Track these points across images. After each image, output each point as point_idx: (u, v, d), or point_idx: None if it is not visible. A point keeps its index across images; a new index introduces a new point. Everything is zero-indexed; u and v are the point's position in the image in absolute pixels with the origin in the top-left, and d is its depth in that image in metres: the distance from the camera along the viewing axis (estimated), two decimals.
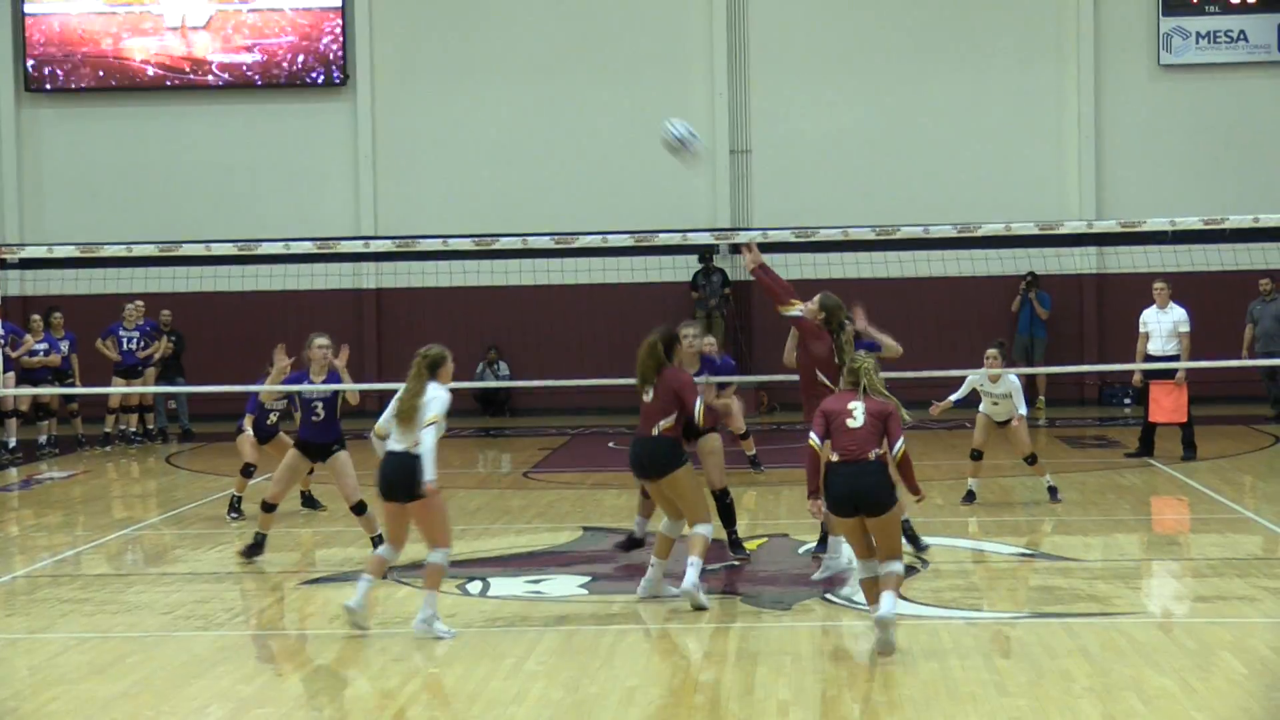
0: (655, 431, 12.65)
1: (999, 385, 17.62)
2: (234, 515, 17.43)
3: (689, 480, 12.77)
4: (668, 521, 13.02)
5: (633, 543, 14.68)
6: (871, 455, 11.19)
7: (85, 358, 25.03)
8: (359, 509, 14.84)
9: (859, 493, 11.14)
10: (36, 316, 25.18)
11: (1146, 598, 13.40)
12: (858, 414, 11.26)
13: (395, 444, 12.07)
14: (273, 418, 17.26)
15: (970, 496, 17.70)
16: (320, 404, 15.00)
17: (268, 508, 15.03)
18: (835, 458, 11.26)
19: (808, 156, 29.27)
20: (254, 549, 15.02)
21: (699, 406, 12.86)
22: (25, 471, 22.76)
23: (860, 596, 12.82)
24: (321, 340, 15.34)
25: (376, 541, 14.31)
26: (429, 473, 11.81)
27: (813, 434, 11.40)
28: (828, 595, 13.08)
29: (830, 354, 13.56)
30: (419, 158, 29.73)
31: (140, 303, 25.62)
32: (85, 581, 14.47)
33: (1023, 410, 17.66)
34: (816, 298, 13.69)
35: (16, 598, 13.71)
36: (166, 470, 22.84)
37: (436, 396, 12.05)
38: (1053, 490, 17.72)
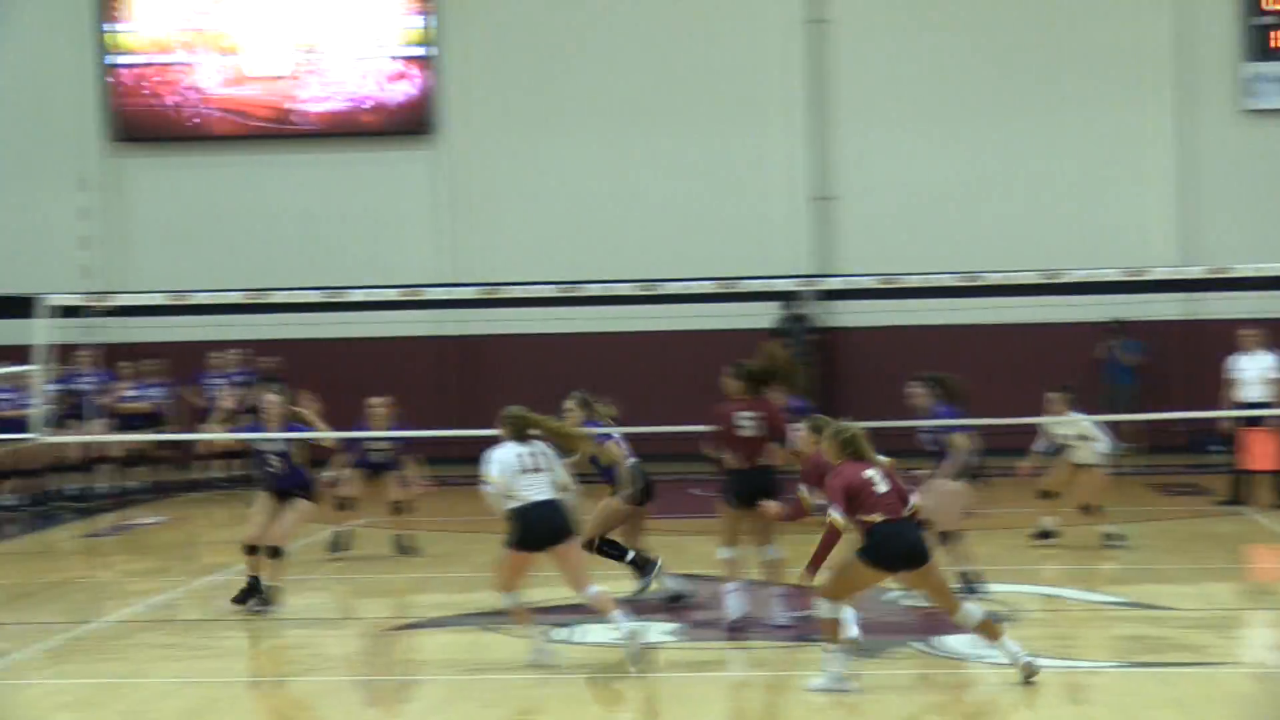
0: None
1: (1068, 428, 17.62)
2: (337, 551, 17.77)
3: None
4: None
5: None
6: (906, 513, 11.41)
7: (177, 404, 25.29)
8: (265, 551, 14.86)
9: (912, 547, 11.33)
10: (127, 363, 25.48)
11: (1241, 647, 13.28)
12: (878, 479, 11.46)
13: (543, 493, 12.36)
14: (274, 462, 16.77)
15: (1045, 534, 17.67)
16: (275, 456, 15.15)
17: (250, 550, 15.03)
18: (879, 518, 11.31)
19: (891, 202, 29.20)
20: (247, 594, 14.95)
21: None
22: (118, 517, 22.97)
23: (950, 644, 12.77)
24: (270, 395, 15.54)
25: (253, 583, 14.67)
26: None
27: (834, 510, 11.44)
28: (916, 644, 13.01)
29: None
30: (503, 205, 29.86)
31: (236, 351, 25.85)
32: (177, 627, 14.57)
33: (1100, 453, 17.61)
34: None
35: (109, 642, 13.82)
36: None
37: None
38: (1112, 536, 17.57)
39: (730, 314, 25.69)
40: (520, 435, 12.61)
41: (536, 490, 12.37)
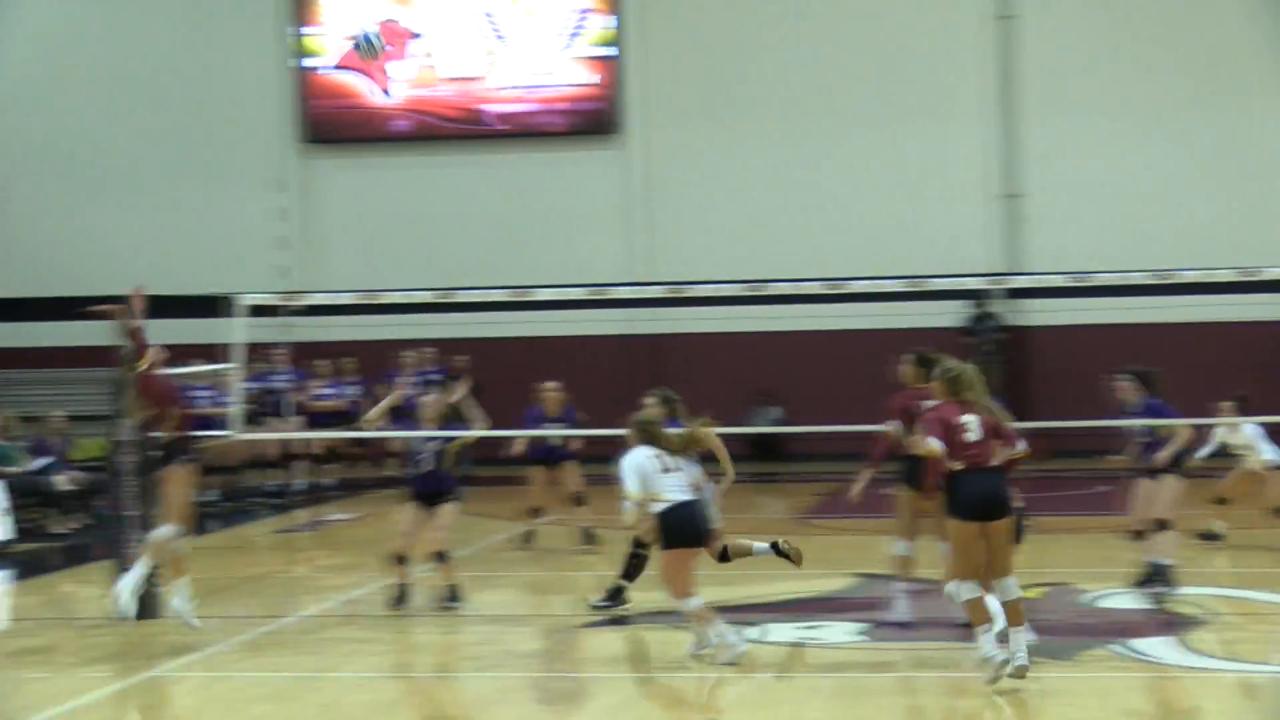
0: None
1: (1236, 436, 17.52)
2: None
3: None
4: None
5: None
6: (995, 461, 11.37)
7: (372, 402, 25.57)
8: (429, 557, 14.98)
9: (990, 496, 11.28)
10: (322, 362, 25.87)
11: None
12: (973, 427, 11.39)
13: (684, 493, 12.47)
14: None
15: (1211, 536, 17.50)
16: (427, 456, 15.21)
17: (400, 560, 15.08)
18: (960, 466, 11.33)
19: (1081, 198, 28.81)
20: (400, 599, 15.02)
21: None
22: (312, 513, 23.32)
23: (1146, 647, 12.59)
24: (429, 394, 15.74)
25: (403, 590, 14.86)
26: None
27: (933, 440, 11.42)
28: (1113, 646, 12.81)
29: None
30: (690, 203, 29.88)
31: (429, 350, 26.12)
32: (370, 622, 14.74)
33: (1267, 459, 17.48)
34: None
35: (305, 637, 14.02)
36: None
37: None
38: None
39: (917, 313, 25.49)
40: (653, 441, 12.68)
41: (677, 490, 12.47)
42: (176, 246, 30.36)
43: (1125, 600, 14.77)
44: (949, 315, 27.89)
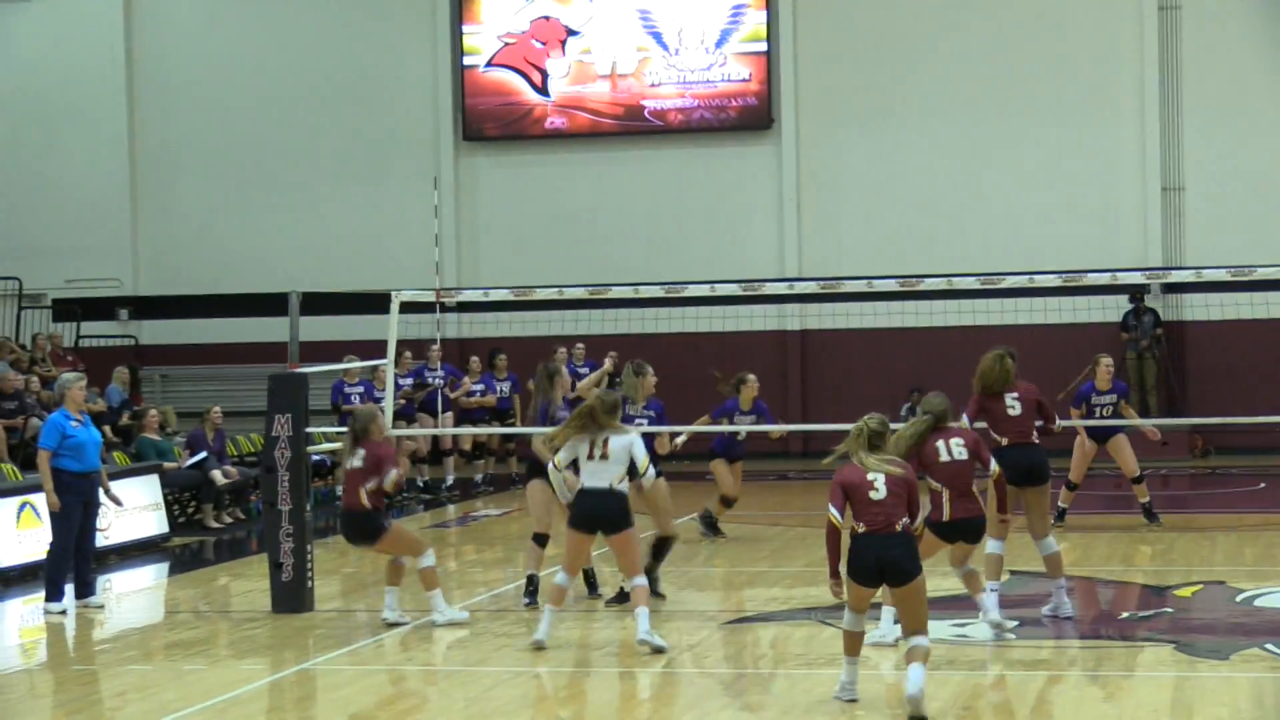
0: None
1: None
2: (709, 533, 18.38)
3: None
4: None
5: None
6: (898, 527, 10.82)
7: (522, 398, 25.76)
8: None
9: (886, 561, 10.77)
10: (475, 358, 26.05)
11: None
12: (879, 485, 10.85)
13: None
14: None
15: None
16: None
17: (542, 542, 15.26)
18: (861, 529, 10.84)
19: (1244, 192, 28.33)
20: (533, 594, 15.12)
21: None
22: (462, 509, 23.50)
23: None
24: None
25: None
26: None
27: (832, 508, 10.98)
28: (1269, 645, 12.59)
29: None
30: (842, 198, 29.76)
31: (580, 346, 26.23)
32: (519, 616, 14.82)
33: None
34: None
35: (454, 631, 14.11)
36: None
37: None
38: None
39: (1073, 308, 25.20)
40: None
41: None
42: (334, 244, 30.72)
43: None
44: (1106, 310, 27.55)
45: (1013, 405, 14.09)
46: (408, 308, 16.95)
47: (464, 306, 28.27)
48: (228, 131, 31.26)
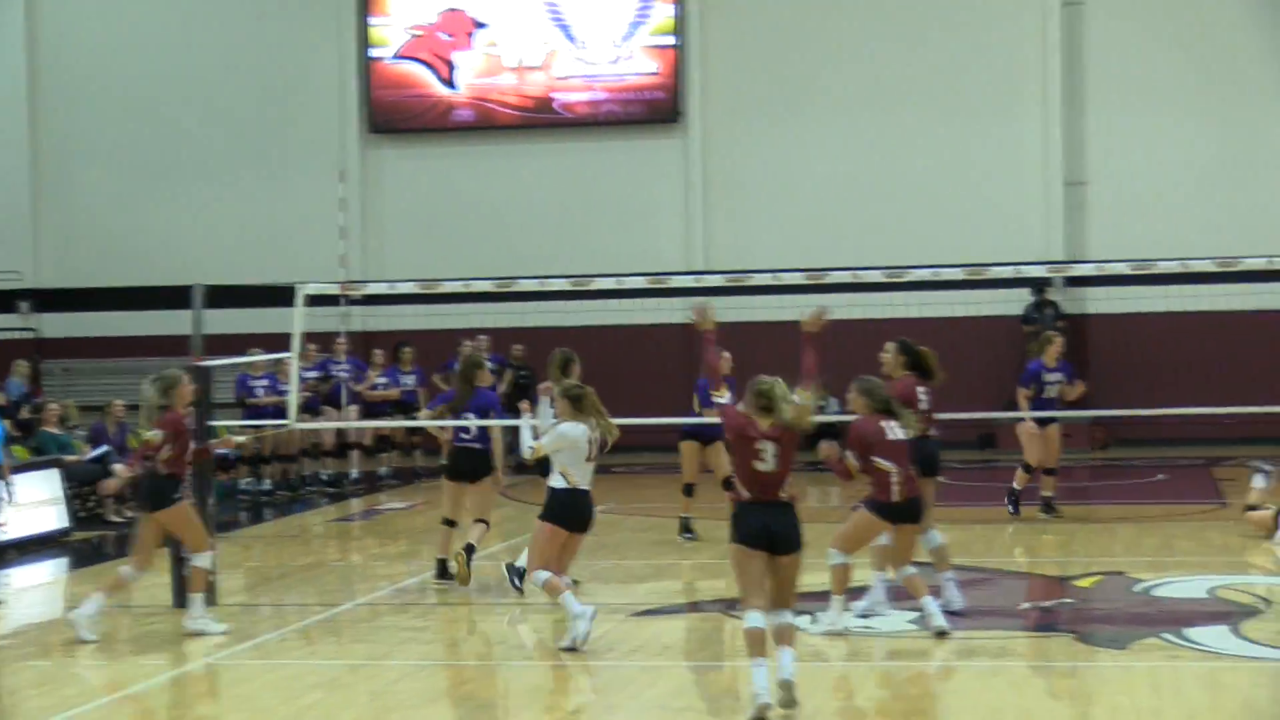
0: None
1: None
2: (687, 536, 18.03)
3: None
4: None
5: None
6: (784, 495, 10.81)
7: (427, 391, 25.71)
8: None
9: (774, 531, 10.69)
10: (378, 351, 25.96)
11: None
12: (768, 455, 10.80)
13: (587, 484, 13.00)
14: None
15: None
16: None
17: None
18: (747, 496, 10.79)
19: (1146, 187, 28.59)
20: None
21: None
22: (367, 502, 23.42)
23: (1199, 636, 12.52)
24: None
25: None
26: None
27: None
28: (1166, 635, 12.73)
29: None
30: (749, 192, 29.83)
31: (484, 338, 26.18)
32: (424, 610, 14.79)
33: None
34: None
35: (358, 625, 14.08)
36: (501, 502, 23.18)
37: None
38: None
39: (977, 301, 25.35)
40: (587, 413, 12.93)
41: (586, 480, 13.08)
42: (238, 237, 30.52)
43: (1180, 589, 14.68)
44: (1009, 304, 27.75)
45: (923, 398, 14.20)
46: (313, 301, 16.87)
47: (369, 299, 28.15)
48: (131, 122, 30.97)
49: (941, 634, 12.74)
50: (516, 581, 15.02)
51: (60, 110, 31.20)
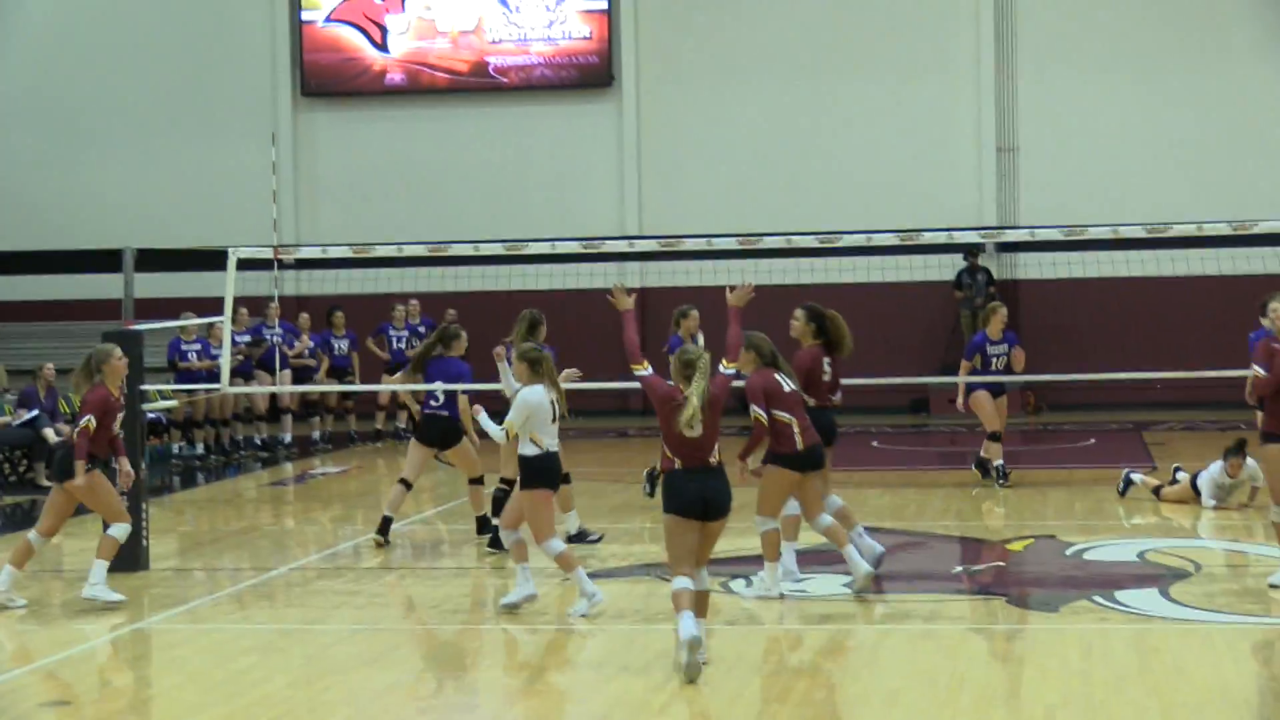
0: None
1: None
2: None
3: None
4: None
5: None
6: (714, 460, 10.98)
7: (364, 356, 25.69)
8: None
9: (708, 499, 10.88)
10: (304, 315, 25.90)
11: None
12: (696, 422, 10.89)
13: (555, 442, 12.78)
14: None
15: None
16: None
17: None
18: (679, 464, 10.94)
19: (1077, 153, 28.77)
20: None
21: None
22: (300, 467, 23.36)
23: (1129, 599, 12.64)
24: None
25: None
26: None
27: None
28: (1096, 598, 12.84)
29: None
30: (683, 157, 29.84)
31: (415, 303, 26.12)
32: (357, 574, 14.78)
33: None
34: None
35: (292, 589, 14.06)
36: (434, 467, 23.11)
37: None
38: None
39: (909, 266, 25.46)
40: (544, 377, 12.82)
41: (553, 439, 12.87)
42: (169, 200, 30.35)
43: (1110, 552, 14.82)
44: (942, 269, 27.88)
45: (827, 369, 14.24)
46: (245, 264, 16.79)
47: (302, 264, 28.05)
48: (58, 82, 30.71)
49: (871, 578, 13.03)
50: (591, 536, 15.54)
51: None
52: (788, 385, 12.84)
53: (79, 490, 13.38)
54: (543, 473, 12.67)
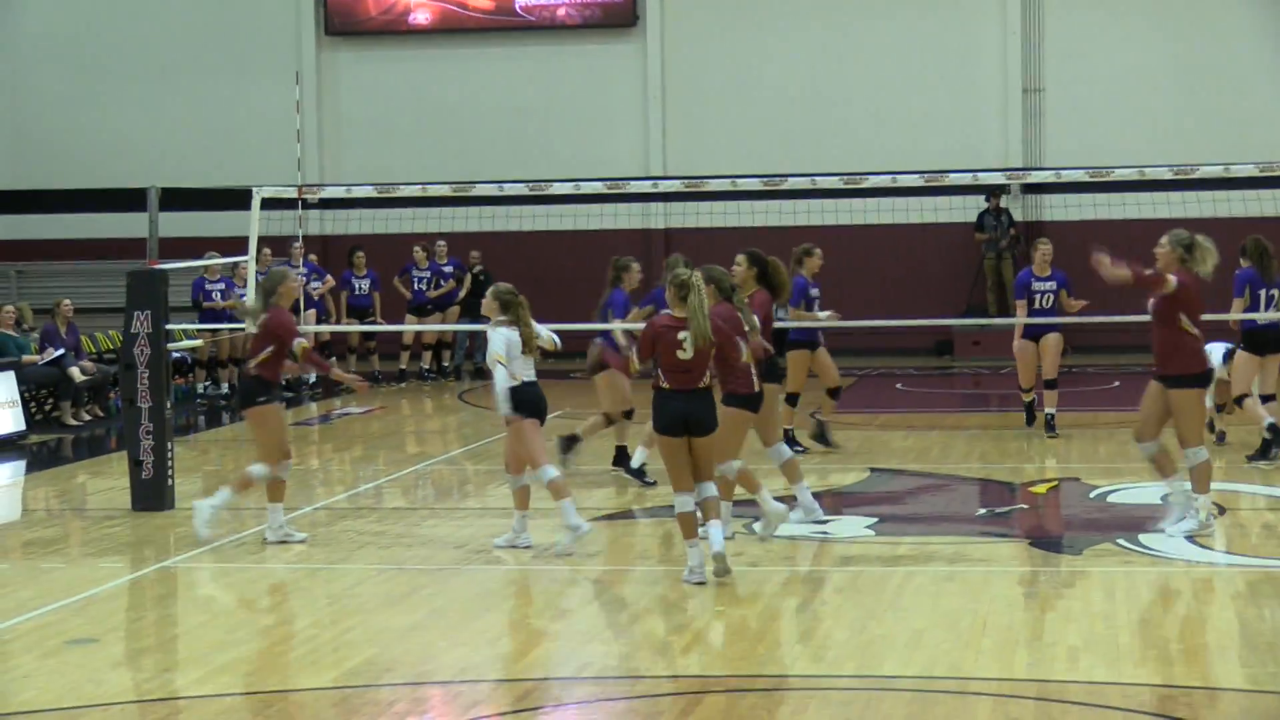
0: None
1: None
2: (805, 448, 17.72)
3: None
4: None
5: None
6: (702, 384, 11.60)
7: (386, 295, 25.72)
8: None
9: (689, 417, 11.50)
10: (311, 255, 25.83)
11: None
12: (687, 344, 11.50)
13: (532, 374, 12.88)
14: None
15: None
16: None
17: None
18: (666, 385, 11.55)
19: (1103, 94, 28.58)
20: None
21: None
22: (324, 407, 23.39)
23: (1153, 541, 12.64)
24: None
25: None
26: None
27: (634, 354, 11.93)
28: (1120, 540, 12.84)
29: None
30: (707, 97, 29.72)
31: (443, 243, 26.14)
32: (381, 514, 14.83)
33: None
34: None
35: (316, 529, 14.10)
36: (459, 407, 23.24)
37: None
38: None
39: (933, 208, 25.37)
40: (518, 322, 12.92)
41: (530, 371, 12.99)
42: (193, 139, 30.32)
43: (1134, 495, 14.80)
44: (967, 210, 27.75)
45: (778, 314, 14.25)
46: (269, 204, 16.80)
47: (326, 203, 28.01)
48: (83, 22, 30.68)
49: (820, 522, 13.43)
50: (645, 477, 15.66)
51: (10, 9, 30.88)
52: (749, 324, 12.75)
53: (255, 416, 13.41)
54: (532, 400, 12.77)
